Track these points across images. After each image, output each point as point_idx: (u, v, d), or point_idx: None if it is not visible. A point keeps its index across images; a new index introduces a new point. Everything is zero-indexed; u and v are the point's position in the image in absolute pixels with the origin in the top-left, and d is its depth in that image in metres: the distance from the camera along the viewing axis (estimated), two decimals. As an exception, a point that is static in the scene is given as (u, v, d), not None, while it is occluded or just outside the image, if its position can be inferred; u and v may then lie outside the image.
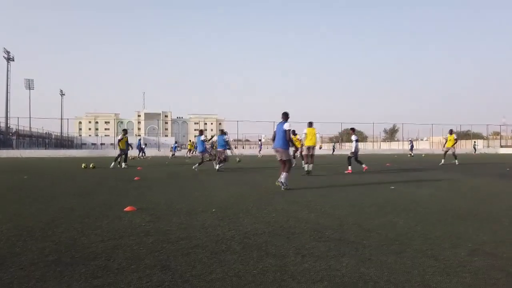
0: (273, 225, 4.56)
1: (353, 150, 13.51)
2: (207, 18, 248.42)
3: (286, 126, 8.26)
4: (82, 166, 16.37)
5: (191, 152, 34.99)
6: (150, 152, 38.40)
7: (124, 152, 17.17)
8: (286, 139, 8.26)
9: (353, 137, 13.58)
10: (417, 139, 62.86)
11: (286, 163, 8.31)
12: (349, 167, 13.08)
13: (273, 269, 2.95)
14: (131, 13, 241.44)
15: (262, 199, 6.74)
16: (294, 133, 14.11)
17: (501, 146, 55.34)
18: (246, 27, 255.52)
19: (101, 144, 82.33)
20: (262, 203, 6.27)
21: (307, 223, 4.67)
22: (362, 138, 76.32)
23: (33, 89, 77.34)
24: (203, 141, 15.37)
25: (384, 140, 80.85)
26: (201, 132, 15.82)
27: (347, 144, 72.36)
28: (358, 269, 2.94)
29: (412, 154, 33.21)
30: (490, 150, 50.47)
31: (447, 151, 18.59)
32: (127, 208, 5.62)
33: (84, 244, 3.71)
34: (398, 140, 70.27)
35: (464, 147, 54.43)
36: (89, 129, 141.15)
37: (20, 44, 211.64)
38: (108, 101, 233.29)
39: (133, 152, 29.41)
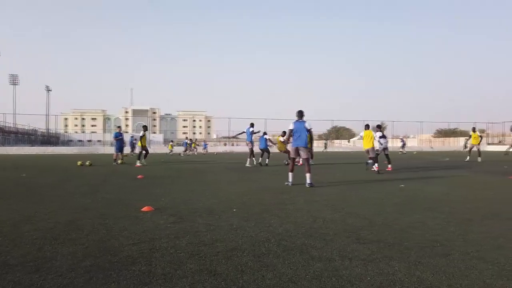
0: (303, 226, 4.46)
1: (377, 147, 13.53)
2: (197, 15, 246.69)
3: (308, 125, 8.39)
4: (78, 164, 15.99)
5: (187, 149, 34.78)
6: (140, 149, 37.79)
7: (145, 149, 16.42)
8: (309, 138, 8.40)
9: (376, 134, 13.47)
10: (405, 137, 63.40)
11: (306, 162, 8.34)
12: (389, 165, 13.31)
13: (326, 274, 2.85)
14: (120, 10, 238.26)
15: (277, 198, 6.63)
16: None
17: (488, 144, 56.21)
18: (238, 23, 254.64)
19: (88, 140, 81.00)
20: (279, 202, 6.17)
21: (336, 223, 4.58)
22: (350, 135, 76.25)
23: (18, 85, 75.90)
24: (253, 133, 15.69)
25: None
26: (252, 125, 15.79)
27: (337, 141, 72.90)
28: (413, 273, 2.85)
29: (404, 152, 33.51)
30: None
31: (471, 148, 19.45)
32: (145, 208, 5.45)
33: (116, 247, 3.54)
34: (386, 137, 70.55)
35: (453, 144, 55.12)
36: (75, 125, 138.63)
37: (4, 39, 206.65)
38: (95, 98, 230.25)
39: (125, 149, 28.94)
